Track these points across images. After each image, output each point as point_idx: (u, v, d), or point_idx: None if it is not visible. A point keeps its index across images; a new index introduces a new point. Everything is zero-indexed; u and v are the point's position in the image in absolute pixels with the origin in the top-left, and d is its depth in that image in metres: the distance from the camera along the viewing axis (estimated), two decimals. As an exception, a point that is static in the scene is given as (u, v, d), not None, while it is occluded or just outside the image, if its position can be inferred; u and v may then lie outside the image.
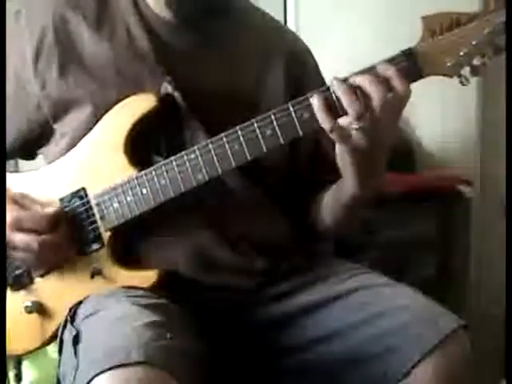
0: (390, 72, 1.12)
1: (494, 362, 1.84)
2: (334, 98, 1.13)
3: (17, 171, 1.42)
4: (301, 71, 1.41)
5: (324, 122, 1.12)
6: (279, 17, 2.34)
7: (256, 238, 1.32)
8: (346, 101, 1.11)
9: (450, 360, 1.14)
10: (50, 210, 1.28)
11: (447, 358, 1.14)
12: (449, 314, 1.20)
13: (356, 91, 1.11)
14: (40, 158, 1.42)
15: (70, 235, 1.28)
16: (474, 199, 2.38)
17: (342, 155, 1.18)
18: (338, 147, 1.17)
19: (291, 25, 2.52)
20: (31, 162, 1.45)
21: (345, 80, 1.13)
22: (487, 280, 2.40)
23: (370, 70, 1.13)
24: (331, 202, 1.34)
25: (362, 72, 1.13)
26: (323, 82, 1.45)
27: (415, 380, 1.14)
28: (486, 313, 2.31)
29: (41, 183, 1.33)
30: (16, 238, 1.24)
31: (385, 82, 1.11)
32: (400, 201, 2.06)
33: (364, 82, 1.11)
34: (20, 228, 1.24)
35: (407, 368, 1.14)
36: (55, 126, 1.32)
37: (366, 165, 1.18)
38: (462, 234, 2.34)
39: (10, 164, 1.49)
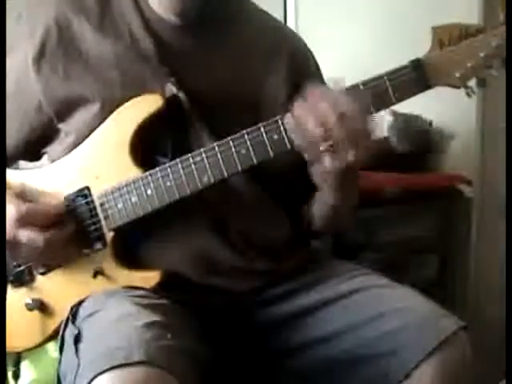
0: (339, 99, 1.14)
1: (494, 363, 1.84)
2: None
3: (17, 168, 1.41)
4: (302, 71, 1.41)
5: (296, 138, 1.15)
6: (279, 17, 2.33)
7: (257, 239, 1.32)
8: (305, 123, 1.13)
9: (451, 361, 1.14)
10: (57, 205, 1.27)
11: (447, 360, 1.14)
12: (449, 316, 1.20)
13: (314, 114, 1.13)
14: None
15: (74, 233, 1.28)
16: (474, 199, 2.38)
17: (315, 173, 1.21)
18: (309, 166, 1.19)
19: (291, 25, 2.52)
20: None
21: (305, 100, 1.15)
22: (487, 280, 2.40)
23: (327, 94, 1.15)
24: (317, 206, 1.37)
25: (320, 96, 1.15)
26: (323, 82, 1.46)
27: (416, 381, 1.15)
28: (485, 313, 2.31)
29: (44, 181, 1.33)
30: (21, 234, 1.23)
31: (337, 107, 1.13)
32: (400, 201, 2.06)
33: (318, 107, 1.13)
34: (25, 224, 1.23)
35: (408, 369, 1.15)
36: (60, 126, 1.32)
37: (339, 181, 1.21)
38: (462, 233, 2.35)
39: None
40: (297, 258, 1.37)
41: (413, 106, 1.89)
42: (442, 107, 2.30)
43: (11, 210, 1.24)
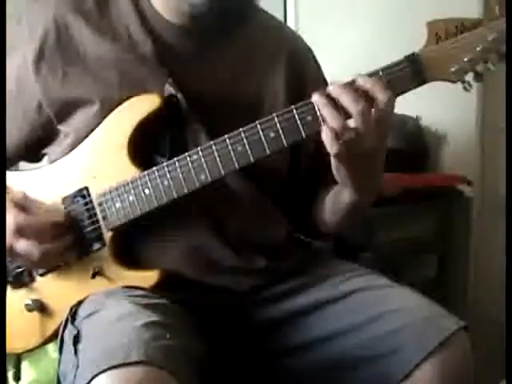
0: (369, 85, 1.13)
1: (493, 362, 1.84)
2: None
3: (17, 169, 1.41)
4: (302, 71, 1.41)
5: (330, 117, 1.13)
6: (279, 17, 2.33)
7: (256, 238, 1.32)
8: (326, 115, 1.13)
9: (451, 361, 1.15)
10: (55, 217, 1.28)
11: (448, 360, 1.14)
12: (449, 316, 1.20)
13: (337, 105, 1.13)
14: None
15: (72, 240, 1.28)
16: (474, 199, 2.38)
17: (335, 165, 1.19)
18: (331, 158, 1.18)
19: (291, 25, 2.52)
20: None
21: (326, 94, 1.14)
22: (487, 280, 2.40)
23: (352, 84, 1.14)
24: (332, 207, 1.35)
25: (344, 85, 1.14)
26: (325, 82, 1.45)
27: (416, 381, 1.15)
28: (485, 313, 2.31)
29: (43, 182, 1.33)
30: (18, 244, 1.24)
31: (364, 96, 1.12)
32: (400, 201, 2.05)
33: (341, 94, 1.13)
34: (23, 235, 1.23)
35: (408, 369, 1.15)
36: (59, 127, 1.32)
37: (360, 173, 1.19)
38: (461, 233, 2.35)
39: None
40: (296, 257, 1.37)
41: (412, 105, 1.90)
42: (442, 107, 2.30)
43: (10, 220, 1.24)
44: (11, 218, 1.24)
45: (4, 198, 1.26)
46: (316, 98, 1.15)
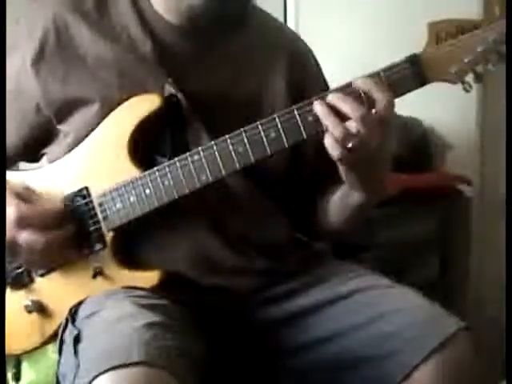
0: (369, 86, 1.13)
1: (494, 363, 1.84)
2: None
3: (17, 169, 1.41)
4: (302, 72, 1.41)
5: (332, 126, 1.13)
6: (279, 17, 2.33)
7: (256, 239, 1.32)
8: (328, 125, 1.13)
9: (451, 362, 1.15)
10: (56, 206, 1.27)
11: (448, 361, 1.14)
12: (449, 316, 1.20)
13: (338, 112, 1.13)
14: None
15: (73, 234, 1.28)
16: (474, 199, 2.38)
17: (341, 169, 1.19)
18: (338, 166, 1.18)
19: (291, 25, 2.52)
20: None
21: (327, 102, 1.14)
22: (487, 280, 2.40)
23: (348, 87, 1.15)
24: (340, 208, 1.34)
25: (340, 89, 1.15)
26: (325, 82, 1.45)
27: (416, 381, 1.15)
28: (485, 313, 2.31)
29: (43, 182, 1.33)
30: (21, 235, 1.23)
31: (364, 97, 1.13)
32: (400, 201, 2.05)
33: (340, 102, 1.13)
34: (25, 225, 1.23)
35: (408, 370, 1.15)
36: (59, 127, 1.32)
37: (366, 175, 1.20)
38: (462, 233, 2.34)
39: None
40: (297, 257, 1.37)
41: (413, 106, 1.89)
42: (442, 108, 2.30)
43: (11, 211, 1.23)
44: (12, 208, 1.24)
45: (4, 198, 1.25)
46: (317, 107, 1.15)
